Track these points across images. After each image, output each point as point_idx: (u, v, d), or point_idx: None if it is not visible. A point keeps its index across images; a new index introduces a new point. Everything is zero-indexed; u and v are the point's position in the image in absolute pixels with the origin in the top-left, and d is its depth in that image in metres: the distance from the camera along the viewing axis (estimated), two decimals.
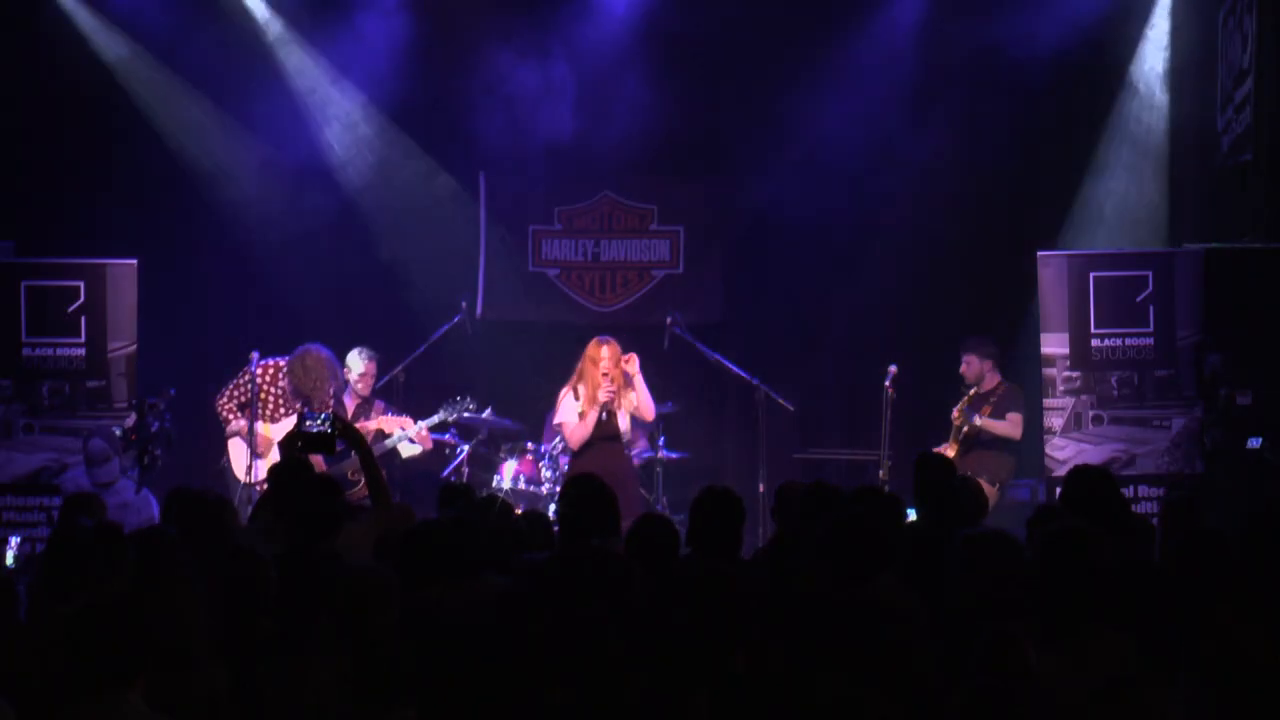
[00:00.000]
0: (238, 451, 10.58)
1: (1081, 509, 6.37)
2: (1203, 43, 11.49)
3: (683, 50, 12.24)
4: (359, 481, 10.48)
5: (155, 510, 9.61)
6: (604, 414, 10.22)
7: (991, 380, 11.01)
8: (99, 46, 12.07)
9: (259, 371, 10.48)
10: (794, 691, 4.54)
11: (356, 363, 10.79)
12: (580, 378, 10.29)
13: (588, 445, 10.22)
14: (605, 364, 10.21)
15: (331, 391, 10.41)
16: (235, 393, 10.56)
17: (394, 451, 10.63)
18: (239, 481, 10.43)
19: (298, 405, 10.36)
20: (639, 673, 4.51)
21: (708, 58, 12.31)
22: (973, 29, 11.89)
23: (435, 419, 10.80)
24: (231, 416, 10.54)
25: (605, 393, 10.14)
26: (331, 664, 4.84)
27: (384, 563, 5.74)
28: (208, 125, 12.13)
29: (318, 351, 10.39)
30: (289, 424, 10.45)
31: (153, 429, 9.98)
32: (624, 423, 10.28)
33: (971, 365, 11.02)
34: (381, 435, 10.53)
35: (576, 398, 10.25)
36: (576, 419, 10.21)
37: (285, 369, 10.45)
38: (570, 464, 10.47)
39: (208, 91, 12.09)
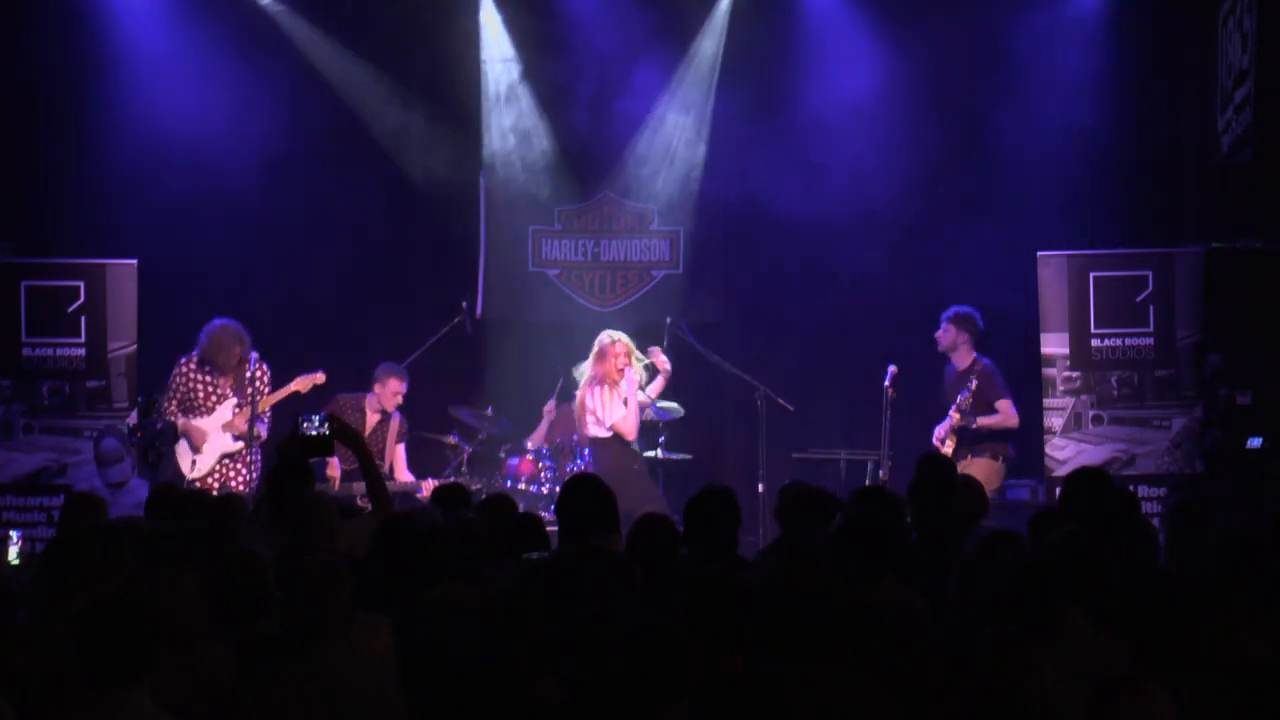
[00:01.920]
0: (181, 451, 10.58)
1: (1081, 511, 6.37)
2: (1203, 43, 11.49)
3: (683, 49, 12.24)
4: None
5: None
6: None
7: (966, 357, 10.95)
8: (96, 43, 12.05)
9: (183, 364, 10.57)
10: (792, 692, 4.54)
11: (386, 378, 10.85)
12: (607, 373, 10.69)
13: (606, 441, 10.61)
14: (624, 359, 10.71)
15: (239, 355, 10.53)
16: (174, 395, 10.56)
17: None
18: (185, 480, 10.46)
19: (220, 383, 10.54)
20: (637, 673, 4.51)
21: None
22: (973, 27, 11.90)
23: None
24: (174, 419, 10.53)
25: (633, 374, 10.70)
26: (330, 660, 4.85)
27: (379, 563, 5.74)
28: (208, 124, 12.11)
29: (221, 322, 10.60)
30: (224, 410, 10.53)
31: (158, 426, 9.98)
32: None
33: (948, 333, 10.97)
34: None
35: (612, 392, 10.68)
36: (623, 409, 10.62)
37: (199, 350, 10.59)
38: (605, 458, 10.58)
39: (207, 89, 12.07)
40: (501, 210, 12.73)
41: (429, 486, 10.67)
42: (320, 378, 10.74)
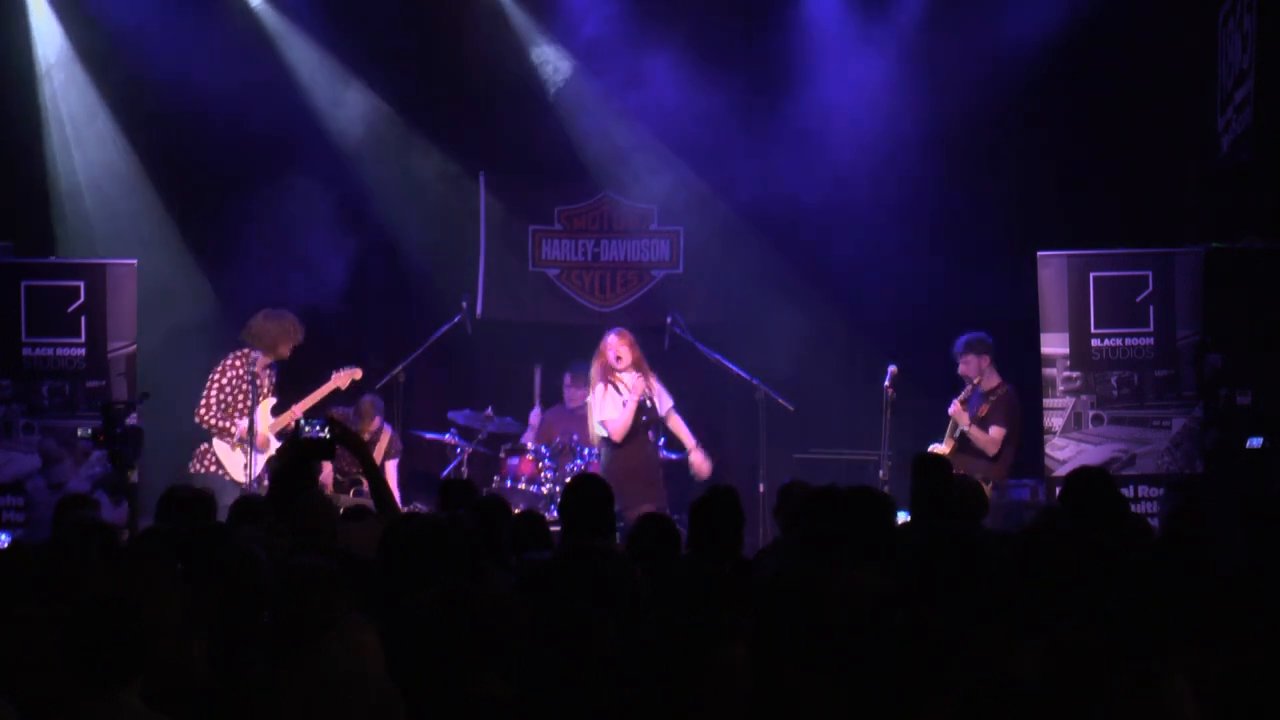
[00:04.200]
0: (231, 455, 10.56)
1: (1081, 510, 6.37)
2: (1203, 43, 11.49)
3: (683, 49, 12.23)
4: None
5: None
6: (645, 401, 10.71)
7: (991, 379, 10.92)
8: (95, 41, 12.05)
9: (234, 364, 10.58)
10: (791, 691, 4.54)
11: (366, 410, 10.90)
12: (603, 369, 10.72)
13: (630, 436, 10.61)
14: (615, 351, 10.66)
15: (293, 344, 10.72)
16: (221, 396, 10.56)
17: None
18: (238, 484, 10.42)
19: (263, 382, 10.58)
20: (639, 672, 4.51)
21: (709, 56, 12.30)
22: (975, 26, 11.91)
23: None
24: (225, 424, 10.53)
25: (634, 380, 10.64)
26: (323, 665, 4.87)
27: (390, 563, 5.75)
28: (206, 123, 12.10)
29: (270, 311, 10.75)
30: (264, 411, 10.55)
31: (118, 430, 9.92)
32: (662, 406, 10.81)
33: (970, 364, 10.96)
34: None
35: (607, 391, 10.70)
36: (615, 410, 10.61)
37: (246, 339, 10.66)
38: (612, 458, 10.57)
39: (207, 89, 12.05)
40: (501, 210, 12.74)
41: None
42: (358, 373, 10.82)
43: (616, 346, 10.74)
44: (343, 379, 10.77)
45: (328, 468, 10.87)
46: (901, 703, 4.55)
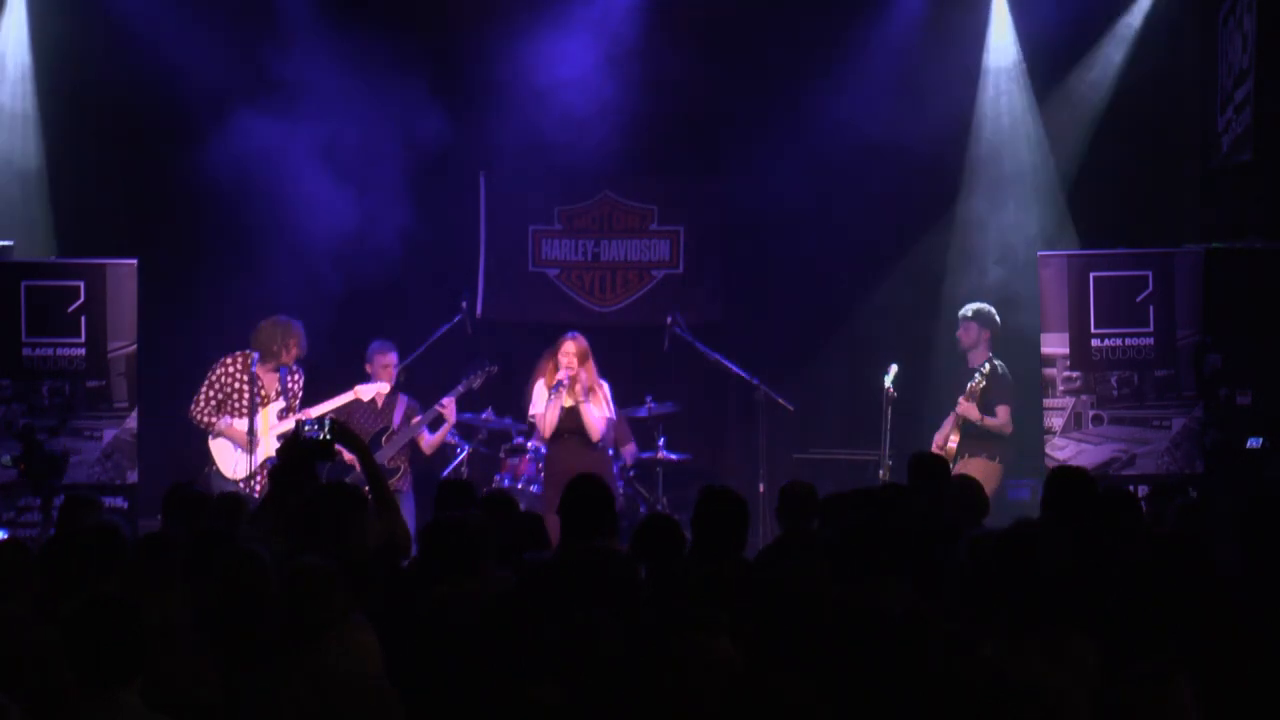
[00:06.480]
0: (223, 452, 10.61)
1: (1063, 511, 6.36)
2: (1203, 43, 11.50)
3: (683, 48, 12.23)
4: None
5: None
6: (563, 404, 10.46)
7: (982, 355, 10.97)
8: (96, 40, 12.05)
9: (229, 362, 10.62)
10: (788, 693, 4.54)
11: (374, 354, 10.91)
12: (547, 370, 10.59)
13: (557, 439, 10.48)
14: (568, 358, 10.48)
15: (294, 351, 10.68)
16: (210, 393, 10.60)
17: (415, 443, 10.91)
18: (229, 481, 10.47)
19: (266, 384, 10.60)
20: (641, 672, 4.51)
21: (708, 56, 12.30)
22: (973, 26, 11.92)
23: (459, 389, 10.89)
24: (213, 420, 10.57)
25: (564, 372, 10.43)
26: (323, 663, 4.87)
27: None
28: (206, 124, 12.10)
29: (275, 317, 10.75)
30: (269, 413, 10.56)
31: (36, 456, 9.81)
32: (587, 418, 10.42)
33: (970, 332, 11.03)
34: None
35: (546, 388, 10.55)
36: (543, 408, 10.50)
37: (251, 342, 10.67)
38: (545, 460, 10.55)
39: (206, 89, 12.05)
40: (501, 210, 12.74)
41: (450, 404, 10.80)
42: (384, 387, 10.83)
43: (571, 355, 10.59)
44: (365, 392, 10.79)
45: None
46: (899, 705, 4.55)
